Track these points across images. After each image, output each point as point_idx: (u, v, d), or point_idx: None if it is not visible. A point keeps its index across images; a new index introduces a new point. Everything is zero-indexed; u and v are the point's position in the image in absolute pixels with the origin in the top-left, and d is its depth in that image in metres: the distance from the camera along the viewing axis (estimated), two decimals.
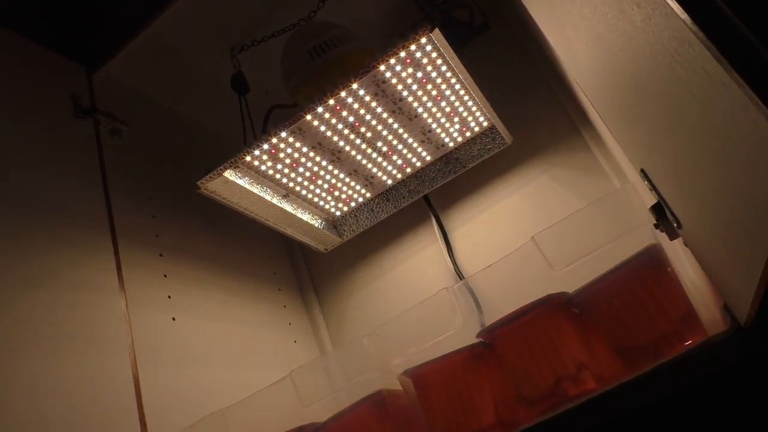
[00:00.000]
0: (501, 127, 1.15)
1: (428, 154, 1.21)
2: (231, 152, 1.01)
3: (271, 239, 1.43)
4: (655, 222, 0.60)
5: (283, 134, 1.03)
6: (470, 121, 1.16)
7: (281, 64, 1.16)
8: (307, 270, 1.45)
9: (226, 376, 1.05)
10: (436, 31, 0.90)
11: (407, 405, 0.74)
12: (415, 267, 1.32)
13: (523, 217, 1.23)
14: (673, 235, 0.58)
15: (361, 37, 1.11)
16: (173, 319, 1.03)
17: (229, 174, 1.04)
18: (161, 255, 1.08)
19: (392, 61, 0.97)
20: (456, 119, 1.15)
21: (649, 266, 0.62)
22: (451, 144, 1.21)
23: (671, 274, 0.61)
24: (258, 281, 1.29)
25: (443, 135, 1.18)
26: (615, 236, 0.63)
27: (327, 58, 1.08)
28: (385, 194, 1.28)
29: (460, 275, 1.24)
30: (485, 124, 1.18)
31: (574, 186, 1.19)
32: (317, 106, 0.97)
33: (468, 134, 1.20)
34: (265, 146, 1.03)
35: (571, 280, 0.66)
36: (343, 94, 0.97)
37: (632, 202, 0.63)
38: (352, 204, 1.28)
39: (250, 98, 1.25)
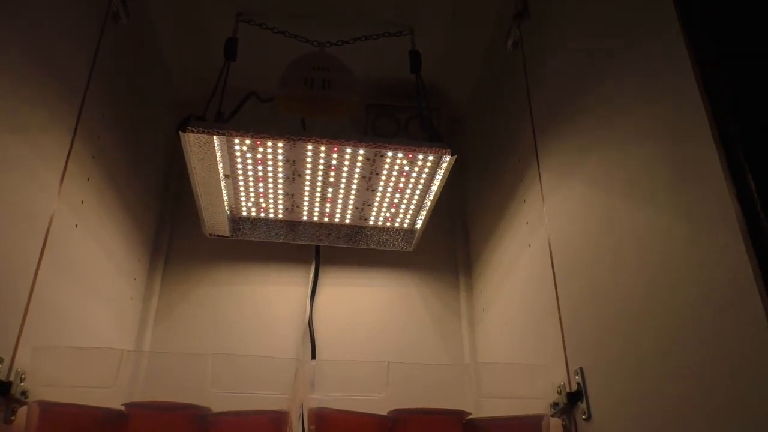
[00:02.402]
0: (417, 238, 1.35)
1: (350, 218, 1.35)
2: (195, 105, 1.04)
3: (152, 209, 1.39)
4: (557, 403, 0.84)
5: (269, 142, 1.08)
6: (402, 219, 1.34)
7: (286, 69, 1.23)
8: (168, 243, 1.41)
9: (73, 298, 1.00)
10: (451, 158, 1.09)
11: None
12: (276, 294, 1.39)
13: (382, 308, 1.41)
14: (569, 427, 0.81)
15: (360, 91, 1.23)
16: (76, 225, 0.97)
17: (215, 138, 1.05)
18: (88, 180, 1.02)
19: (399, 153, 1.11)
20: (395, 210, 1.31)
21: (534, 427, 0.84)
22: (371, 223, 1.36)
23: None
24: (133, 221, 1.24)
25: (374, 214, 1.33)
26: (523, 395, 0.85)
27: (315, 95, 1.19)
28: (292, 224, 1.36)
29: (310, 324, 1.36)
30: (407, 227, 1.37)
31: (430, 309, 1.42)
32: (309, 141, 1.05)
33: (388, 224, 1.37)
34: (249, 141, 1.07)
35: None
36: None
37: (550, 377, 0.86)
38: (261, 214, 1.34)
39: (233, 67, 1.26)
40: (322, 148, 1.11)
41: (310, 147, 1.11)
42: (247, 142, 1.10)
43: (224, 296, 1.38)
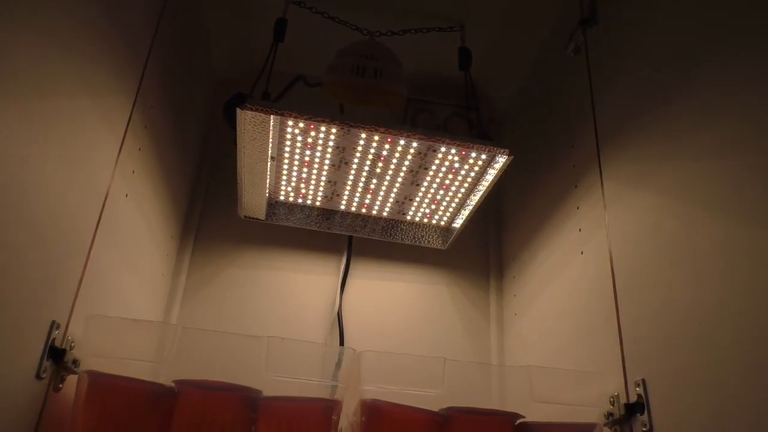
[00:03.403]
0: (454, 237, 1.33)
1: (388, 211, 1.33)
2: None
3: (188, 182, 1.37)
4: (611, 413, 0.83)
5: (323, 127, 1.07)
6: (440, 216, 1.32)
7: (336, 55, 1.22)
8: (198, 221, 1.39)
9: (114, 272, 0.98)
10: (507, 158, 1.08)
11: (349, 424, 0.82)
12: (305, 282, 1.37)
13: (410, 305, 1.40)
14: (622, 429, 0.80)
15: (407, 84, 1.22)
16: (126, 195, 0.95)
17: (272, 117, 1.03)
18: (139, 149, 1.00)
19: (453, 150, 1.10)
20: (435, 207, 1.30)
21: None
22: (408, 218, 1.35)
23: None
24: (169, 202, 1.22)
25: (413, 208, 1.31)
26: (576, 402, 0.84)
27: (365, 83, 1.18)
28: (328, 212, 1.35)
29: (339, 314, 1.34)
30: (444, 225, 1.35)
31: (459, 309, 1.41)
32: (365, 129, 1.04)
33: (425, 221, 1.35)
34: (302, 124, 1.05)
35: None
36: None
37: (604, 386, 0.85)
38: (299, 200, 1.32)
39: (280, 49, 1.24)
40: (376, 138, 1.10)
41: (363, 135, 1.09)
42: (301, 125, 1.08)
43: (252, 280, 1.36)
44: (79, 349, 0.78)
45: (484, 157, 1.12)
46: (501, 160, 1.09)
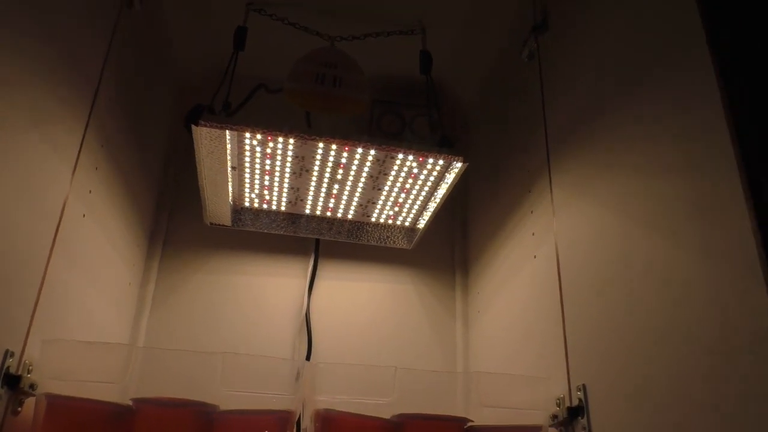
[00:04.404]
0: (418, 237, 1.36)
1: (353, 214, 1.35)
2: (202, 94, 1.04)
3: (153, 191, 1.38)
4: (555, 415, 0.86)
5: (281, 139, 1.08)
6: (404, 218, 1.35)
7: (296, 62, 1.23)
8: (166, 229, 1.41)
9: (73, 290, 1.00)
10: (463, 165, 1.10)
11: None
12: (273, 286, 1.40)
13: (378, 304, 1.42)
14: (566, 430, 0.84)
15: (369, 90, 1.23)
16: (83, 215, 0.96)
17: (227, 132, 1.04)
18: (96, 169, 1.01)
19: (410, 156, 1.12)
20: (398, 209, 1.32)
21: None
22: (373, 220, 1.37)
23: None
24: (132, 216, 1.24)
25: (377, 211, 1.33)
26: (523, 406, 0.88)
27: (325, 92, 1.20)
28: (294, 216, 1.37)
29: (307, 317, 1.37)
30: (409, 225, 1.38)
31: (426, 306, 1.44)
32: (321, 140, 1.05)
33: (390, 222, 1.38)
34: (260, 136, 1.06)
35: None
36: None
37: (550, 390, 0.88)
38: (264, 206, 1.33)
39: (240, 56, 1.25)
40: (333, 147, 1.11)
41: (321, 145, 1.11)
42: (258, 136, 1.09)
43: (221, 285, 1.38)
44: (37, 372, 0.80)
45: (441, 162, 1.14)
46: (457, 167, 1.11)
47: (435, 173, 1.18)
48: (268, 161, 1.17)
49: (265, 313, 1.36)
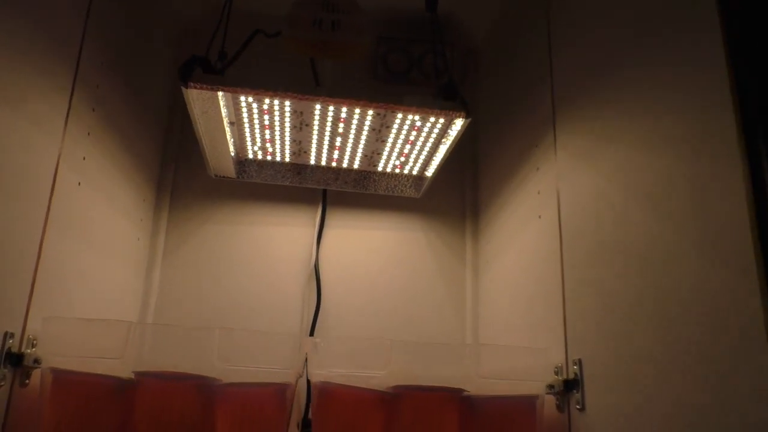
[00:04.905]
0: (427, 185, 1.32)
1: (359, 163, 1.31)
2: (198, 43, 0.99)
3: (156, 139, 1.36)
4: (552, 385, 0.86)
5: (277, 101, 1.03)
6: (411, 166, 1.30)
7: (292, 5, 1.16)
8: (173, 181, 1.39)
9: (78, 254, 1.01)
10: (465, 121, 1.04)
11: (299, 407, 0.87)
12: (282, 235, 1.39)
13: (387, 251, 1.42)
14: (563, 407, 0.84)
15: (370, 32, 1.16)
16: (78, 184, 0.95)
17: (219, 94, 1.00)
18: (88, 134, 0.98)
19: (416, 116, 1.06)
20: (404, 159, 1.28)
21: (528, 407, 0.87)
22: (380, 168, 1.33)
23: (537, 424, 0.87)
24: (136, 164, 1.22)
25: (383, 160, 1.29)
26: (520, 377, 0.88)
27: (323, 38, 1.13)
28: (299, 167, 1.34)
29: (316, 267, 1.37)
30: (417, 174, 1.34)
31: (436, 254, 1.42)
32: (318, 100, 1.01)
33: (397, 171, 1.34)
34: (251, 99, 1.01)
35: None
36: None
37: (548, 360, 0.88)
38: (268, 157, 1.31)
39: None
40: (331, 107, 1.06)
41: (318, 105, 1.06)
42: (254, 97, 1.05)
43: (230, 235, 1.38)
44: (41, 347, 0.82)
45: (441, 120, 1.08)
46: (460, 123, 1.05)
47: (439, 126, 1.12)
48: (266, 116, 1.13)
49: (274, 263, 1.37)
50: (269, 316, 1.33)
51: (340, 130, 1.17)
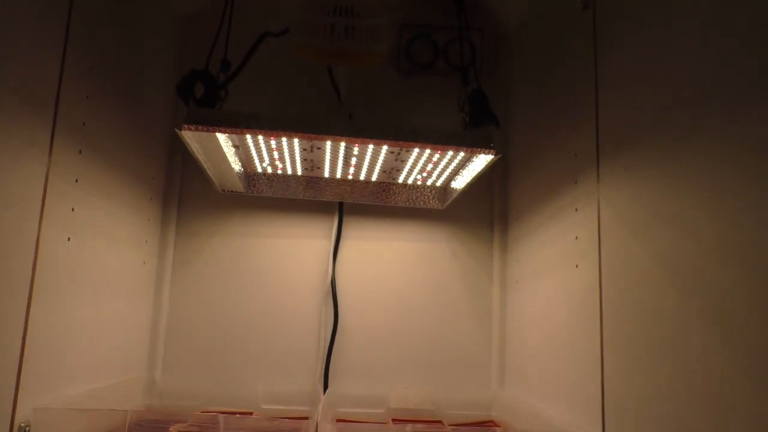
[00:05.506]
0: (453, 199, 1.21)
1: (378, 175, 1.21)
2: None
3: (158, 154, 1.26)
4: None
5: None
6: (435, 179, 1.19)
7: (300, 9, 1.04)
8: (179, 195, 1.30)
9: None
10: (490, 157, 0.93)
11: None
12: (297, 248, 1.31)
13: (409, 264, 1.33)
14: None
15: (388, 35, 1.04)
16: (68, 239, 0.87)
17: (218, 134, 0.90)
18: (77, 181, 0.88)
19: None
20: (426, 174, 1.17)
21: None
22: (401, 180, 1.23)
23: None
24: (136, 189, 1.14)
25: (405, 173, 1.18)
26: None
27: (336, 47, 1.02)
28: (312, 179, 1.24)
29: (333, 283, 1.29)
30: (442, 185, 1.23)
31: (462, 267, 1.33)
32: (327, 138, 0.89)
33: (419, 183, 1.23)
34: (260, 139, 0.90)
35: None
36: None
37: None
38: (279, 171, 1.21)
39: None
40: (342, 144, 0.95)
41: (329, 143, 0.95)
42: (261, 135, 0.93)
43: (241, 249, 1.31)
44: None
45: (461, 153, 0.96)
46: (488, 159, 0.93)
47: (462, 153, 1.00)
48: (273, 140, 1.02)
49: (289, 277, 1.30)
50: (284, 336, 1.27)
51: (355, 152, 1.06)
